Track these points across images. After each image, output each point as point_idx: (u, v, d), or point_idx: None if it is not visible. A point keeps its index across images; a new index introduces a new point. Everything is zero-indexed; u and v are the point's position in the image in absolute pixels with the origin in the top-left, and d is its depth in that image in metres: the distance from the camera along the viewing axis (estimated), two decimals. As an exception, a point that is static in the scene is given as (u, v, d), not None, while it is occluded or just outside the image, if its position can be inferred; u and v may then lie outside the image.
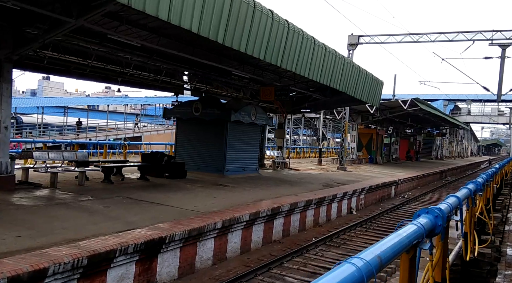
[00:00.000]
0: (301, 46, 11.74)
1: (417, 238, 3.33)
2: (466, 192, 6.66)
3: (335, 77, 14.76)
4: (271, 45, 10.39)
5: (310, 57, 12.53)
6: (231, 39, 9.48)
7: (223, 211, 8.89)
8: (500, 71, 19.56)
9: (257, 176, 16.43)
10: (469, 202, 7.28)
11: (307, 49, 12.17)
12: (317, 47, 12.74)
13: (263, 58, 10.65)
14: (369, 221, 14.54)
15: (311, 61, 12.52)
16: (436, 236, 4.06)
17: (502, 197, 18.43)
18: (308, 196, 12.44)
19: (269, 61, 10.80)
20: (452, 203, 5.13)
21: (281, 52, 10.88)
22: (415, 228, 3.33)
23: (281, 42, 10.80)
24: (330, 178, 18.96)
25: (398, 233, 3.00)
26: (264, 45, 10.17)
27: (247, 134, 16.04)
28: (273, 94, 15.39)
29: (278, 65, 11.02)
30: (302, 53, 12.02)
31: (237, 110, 14.91)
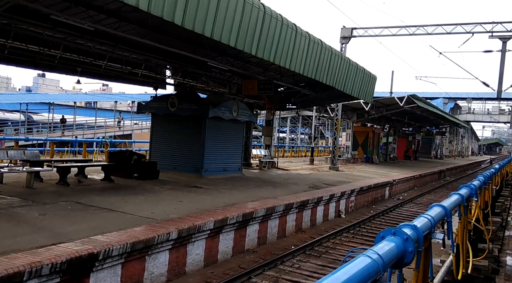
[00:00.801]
0: (280, 33, 10.64)
1: (370, 278, 2.23)
2: (457, 198, 5.57)
3: (323, 70, 13.66)
4: (243, 31, 9.29)
5: (292, 47, 11.43)
6: (202, 26, 8.42)
7: (184, 218, 7.81)
8: (500, 65, 18.47)
9: (239, 177, 15.35)
10: (462, 209, 6.20)
11: (288, 37, 11.07)
12: (300, 35, 11.64)
13: (241, 48, 9.59)
14: (358, 226, 13.46)
15: (292, 51, 11.42)
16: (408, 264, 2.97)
17: (502, 199, 17.38)
18: (289, 199, 11.36)
19: (242, 49, 9.71)
20: (435, 216, 4.02)
21: (255, 40, 9.78)
22: (365, 263, 2.23)
23: (256, 28, 9.71)
24: (319, 178, 17.87)
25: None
26: (236, 32, 9.08)
27: (228, 131, 14.95)
28: (256, 89, 14.31)
29: (252, 54, 9.93)
30: (282, 42, 10.93)
31: (216, 105, 13.82)
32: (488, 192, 12.16)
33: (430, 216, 3.88)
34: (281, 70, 15.47)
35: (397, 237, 2.87)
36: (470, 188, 6.84)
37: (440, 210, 4.41)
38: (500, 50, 18.75)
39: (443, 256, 9.00)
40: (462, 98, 70.51)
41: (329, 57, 13.54)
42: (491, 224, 11.33)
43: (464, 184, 6.98)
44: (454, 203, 5.28)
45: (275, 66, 14.99)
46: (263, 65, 15.12)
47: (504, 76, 18.82)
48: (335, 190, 14.42)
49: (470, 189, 6.81)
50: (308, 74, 12.71)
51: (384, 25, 21.04)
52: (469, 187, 6.85)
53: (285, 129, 68.86)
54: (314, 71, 12.97)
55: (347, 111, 30.46)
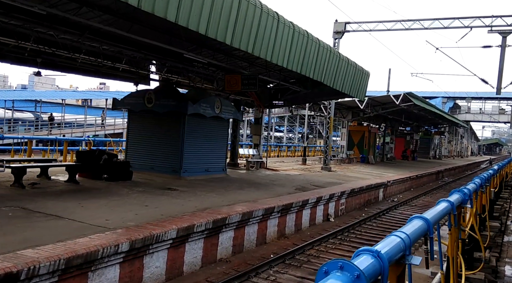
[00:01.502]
0: (259, 22, 9.76)
1: None
2: (445, 207, 4.68)
3: (309, 64, 12.78)
4: (215, 18, 8.42)
5: (274, 38, 10.55)
6: (174, 13, 7.56)
7: (142, 226, 6.94)
8: (500, 61, 17.60)
9: (222, 178, 14.48)
10: (452, 219, 5.32)
11: (269, 26, 10.19)
12: (283, 25, 10.75)
13: (213, 36, 8.72)
14: (347, 230, 12.59)
15: (274, 41, 10.54)
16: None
17: (502, 201, 16.53)
18: (270, 203, 10.48)
19: (215, 37, 8.84)
20: (412, 233, 3.12)
21: (230, 28, 8.90)
22: None
23: (231, 15, 8.83)
24: (309, 179, 17.00)
25: None
26: (206, 18, 8.20)
27: (210, 129, 14.07)
28: (240, 84, 13.42)
29: (227, 43, 9.06)
30: (262, 31, 10.04)
31: (196, 101, 12.94)
32: (485, 195, 11.33)
33: (405, 233, 2.97)
34: (267, 65, 14.61)
35: (345, 274, 1.98)
36: (462, 193, 5.96)
37: (420, 224, 3.50)
38: (499, 45, 17.88)
39: (435, 267, 8.11)
40: (462, 97, 69.61)
41: (316, 50, 12.66)
42: (488, 229, 10.51)
43: (456, 189, 6.11)
44: (440, 213, 4.38)
45: (261, 61, 14.12)
46: (248, 59, 14.24)
47: (503, 72, 17.95)
48: (323, 192, 13.55)
49: (463, 194, 5.94)
50: (292, 68, 11.84)
51: (379, 20, 20.12)
52: (462, 192, 5.98)
53: (282, 128, 68.10)
54: (300, 64, 12.09)
55: (342, 110, 29.60)
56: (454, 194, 5.78)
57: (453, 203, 5.08)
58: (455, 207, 5.43)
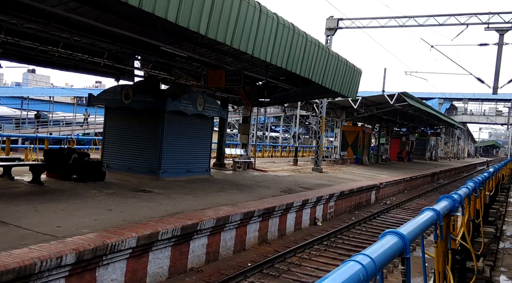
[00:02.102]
0: (239, 11, 9.06)
1: None
2: (430, 218, 3.97)
3: (296, 59, 12.10)
4: (187, 5, 7.72)
5: (256, 30, 9.86)
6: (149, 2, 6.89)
7: (98, 233, 6.23)
8: (497, 60, 16.96)
9: (205, 179, 13.76)
10: (438, 231, 4.65)
11: (250, 17, 9.49)
12: (265, 16, 10.06)
13: (185, 25, 8.03)
14: (334, 236, 11.91)
15: (256, 33, 9.85)
16: None
17: (497, 204, 15.87)
18: (249, 206, 9.78)
19: (187, 27, 8.14)
20: (378, 257, 2.36)
21: (205, 18, 8.20)
22: None
23: (205, 3, 8.13)
24: (297, 181, 16.31)
25: None
26: (176, 4, 7.51)
27: (192, 128, 13.36)
28: (224, 80, 12.72)
29: (201, 33, 8.36)
30: (242, 22, 9.34)
31: (176, 97, 12.22)
32: (480, 200, 10.67)
33: (369, 258, 2.22)
34: (253, 60, 13.92)
35: None
36: (452, 199, 5.28)
37: (393, 242, 2.79)
38: (496, 43, 17.26)
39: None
40: (458, 98, 69.08)
41: (302, 44, 11.97)
42: (482, 236, 9.82)
43: (445, 194, 5.42)
44: (422, 225, 3.65)
45: (247, 56, 13.43)
46: (233, 55, 13.54)
47: (500, 72, 17.33)
48: (310, 195, 12.86)
49: (452, 201, 5.25)
50: (277, 63, 11.15)
51: (373, 16, 19.45)
52: (451, 199, 5.29)
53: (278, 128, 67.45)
54: (285, 59, 11.40)
55: (335, 110, 28.95)
56: (442, 201, 5.10)
57: (440, 212, 4.37)
58: (443, 216, 4.75)
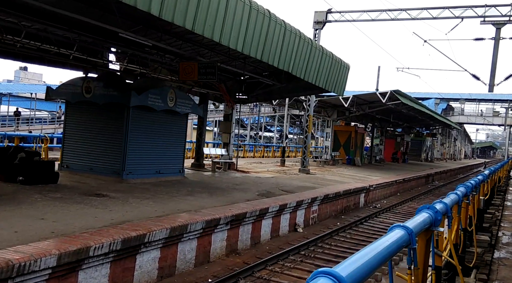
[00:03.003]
0: None
1: None
2: (397, 241, 2.93)
3: (273, 50, 11.06)
4: None
5: (223, 15, 8.80)
6: None
7: (8, 251, 5.16)
8: (493, 55, 15.99)
9: (177, 181, 12.70)
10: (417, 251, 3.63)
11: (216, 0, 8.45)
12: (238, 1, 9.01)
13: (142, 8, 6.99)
14: (314, 244, 10.87)
15: (224, 19, 8.79)
16: None
17: (493, 209, 14.88)
18: (215, 213, 8.72)
19: (147, 10, 7.10)
20: None
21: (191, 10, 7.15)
22: None
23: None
24: (280, 183, 15.26)
25: None
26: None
27: (162, 125, 12.29)
28: (196, 73, 11.66)
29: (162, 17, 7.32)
30: (206, 5, 8.31)
31: (142, 91, 11.15)
32: (473, 205, 9.66)
33: None
34: (230, 53, 12.88)
35: None
36: (433, 211, 4.26)
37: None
38: (493, 37, 16.29)
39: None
40: (455, 99, 68.16)
41: (280, 33, 10.92)
42: (475, 245, 8.84)
43: (425, 205, 4.38)
44: (384, 253, 2.55)
45: (224, 48, 12.39)
46: (208, 46, 12.46)
47: (497, 68, 16.35)
48: (289, 199, 11.81)
49: (434, 213, 4.23)
50: (250, 53, 10.10)
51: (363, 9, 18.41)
52: (432, 210, 4.26)
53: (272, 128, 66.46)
54: (260, 50, 10.35)
55: (326, 109, 27.94)
56: (421, 213, 4.08)
57: (412, 231, 3.30)
58: (419, 233, 3.74)
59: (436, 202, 5.13)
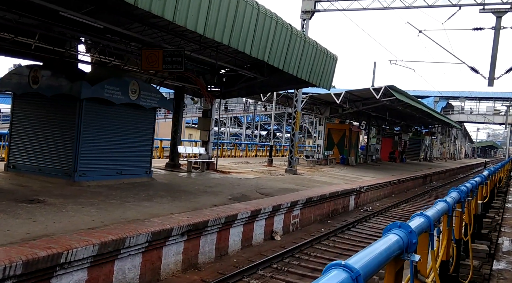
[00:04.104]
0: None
1: None
2: None
3: (249, 37, 9.79)
4: None
5: None
6: None
7: None
8: (493, 46, 14.73)
9: (140, 183, 11.42)
10: None
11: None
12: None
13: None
14: (291, 254, 9.59)
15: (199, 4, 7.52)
16: None
17: (493, 212, 13.57)
18: (167, 222, 7.43)
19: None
20: None
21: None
22: None
23: None
24: (260, 185, 13.98)
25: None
26: None
27: (124, 120, 11.00)
28: (161, 61, 10.39)
29: None
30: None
31: (96, 82, 9.86)
32: (469, 212, 8.41)
33: None
34: (201, 39, 11.60)
35: None
36: (406, 230, 3.03)
37: None
38: (493, 27, 15.00)
39: None
40: (455, 97, 66.80)
41: (253, 16, 9.64)
42: (471, 258, 7.61)
43: (395, 223, 3.12)
44: None
45: (195, 35, 11.13)
46: (176, 32, 11.18)
47: (497, 60, 15.08)
48: (264, 204, 10.53)
49: (407, 235, 3.00)
50: (215, 37, 8.82)
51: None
52: (404, 230, 3.04)
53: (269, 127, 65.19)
54: (227, 34, 9.06)
55: (319, 106, 26.66)
56: (388, 235, 2.86)
57: (359, 274, 1.99)
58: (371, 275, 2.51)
59: (415, 216, 3.88)
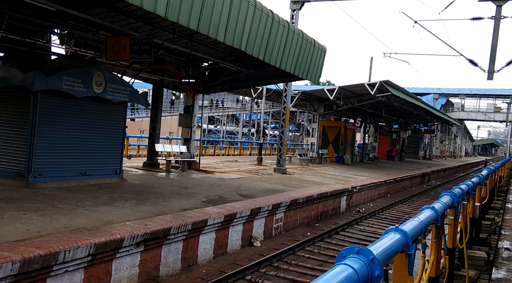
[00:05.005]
0: None
1: None
2: None
3: (218, 23, 8.82)
4: None
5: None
6: None
7: None
8: (493, 37, 13.78)
9: (107, 184, 10.45)
10: None
11: None
12: None
13: None
14: (269, 263, 8.65)
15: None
16: None
17: (492, 214, 12.64)
18: (114, 232, 6.48)
19: None
20: None
21: None
22: None
23: None
24: (243, 185, 13.02)
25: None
26: None
27: (89, 116, 10.02)
28: (128, 50, 9.45)
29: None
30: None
31: (53, 72, 8.90)
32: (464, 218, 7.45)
33: None
34: (175, 28, 10.64)
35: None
36: (363, 261, 1.97)
37: None
38: (492, 17, 14.05)
39: None
40: (455, 94, 65.73)
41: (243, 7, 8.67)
42: (466, 268, 6.72)
43: (352, 246, 2.06)
44: None
45: (169, 23, 10.17)
46: (144, 18, 10.20)
47: (497, 52, 14.12)
48: (240, 207, 9.57)
49: (367, 264, 1.95)
50: (190, 25, 7.93)
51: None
52: (363, 258, 1.99)
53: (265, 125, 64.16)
54: (195, 19, 8.10)
55: (312, 102, 25.68)
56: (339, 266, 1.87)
57: None
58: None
59: (389, 231, 2.99)
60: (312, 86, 46.77)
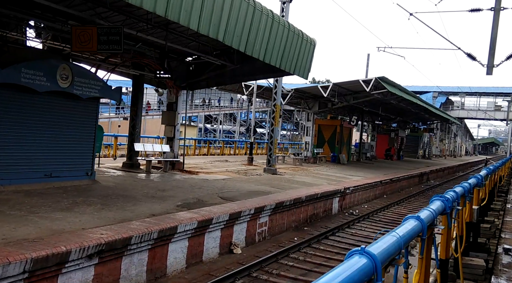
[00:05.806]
0: None
1: None
2: None
3: (192, 11, 8.03)
4: None
5: None
6: None
7: None
8: (492, 29, 12.99)
9: (75, 187, 9.66)
10: None
11: None
12: None
13: None
14: (247, 273, 7.87)
15: None
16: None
17: (492, 216, 11.88)
18: (59, 245, 5.70)
19: None
20: None
21: None
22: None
23: None
24: (227, 187, 12.23)
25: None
26: None
27: (53, 112, 9.22)
28: (96, 41, 8.68)
29: None
30: None
31: (10, 64, 8.12)
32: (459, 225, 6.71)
33: None
34: (148, 16, 9.85)
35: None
36: None
37: None
38: (492, 8, 13.27)
39: None
40: (454, 92, 64.92)
41: None
42: (461, 277, 5.98)
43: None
44: None
45: (142, 12, 9.40)
46: (113, 6, 9.40)
47: (496, 45, 13.33)
48: (218, 211, 8.77)
49: None
50: (156, 11, 7.08)
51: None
52: None
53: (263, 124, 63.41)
54: (163, 3, 7.31)
55: (307, 100, 24.89)
56: None
57: None
58: None
59: (354, 254, 2.25)
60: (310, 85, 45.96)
